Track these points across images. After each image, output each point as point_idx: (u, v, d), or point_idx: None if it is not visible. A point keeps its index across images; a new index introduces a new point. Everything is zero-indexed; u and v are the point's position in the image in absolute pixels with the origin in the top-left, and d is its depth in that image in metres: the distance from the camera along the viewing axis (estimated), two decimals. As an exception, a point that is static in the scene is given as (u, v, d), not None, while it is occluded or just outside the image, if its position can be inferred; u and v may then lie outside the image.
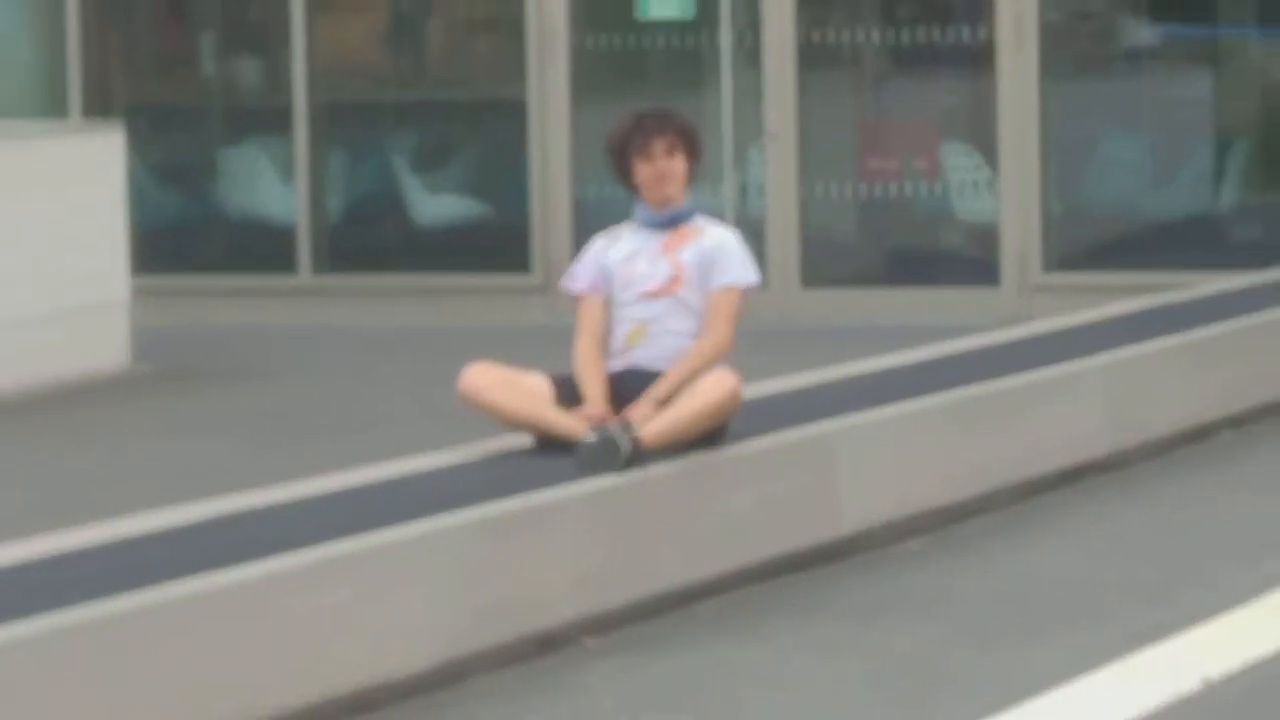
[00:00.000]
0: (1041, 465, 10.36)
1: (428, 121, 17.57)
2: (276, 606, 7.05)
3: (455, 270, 16.09)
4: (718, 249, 8.81)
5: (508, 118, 16.44)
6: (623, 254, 8.85)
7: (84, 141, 15.01)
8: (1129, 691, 7.21)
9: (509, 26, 16.57)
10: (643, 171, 8.78)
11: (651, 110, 9.14)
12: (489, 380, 8.74)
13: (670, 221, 8.83)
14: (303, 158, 16.68)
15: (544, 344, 9.11)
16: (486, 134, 17.03)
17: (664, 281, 8.76)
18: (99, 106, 16.60)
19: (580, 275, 8.96)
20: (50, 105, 16.84)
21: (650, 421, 8.38)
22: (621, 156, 8.87)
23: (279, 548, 7.29)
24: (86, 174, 14.50)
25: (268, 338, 15.40)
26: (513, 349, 9.66)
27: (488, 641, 7.63)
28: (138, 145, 15.33)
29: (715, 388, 8.49)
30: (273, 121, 16.91)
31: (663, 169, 8.76)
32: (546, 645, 7.81)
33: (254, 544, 7.36)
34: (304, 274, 16.63)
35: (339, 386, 13.72)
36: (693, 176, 8.93)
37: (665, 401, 8.47)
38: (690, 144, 8.89)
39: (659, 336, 8.70)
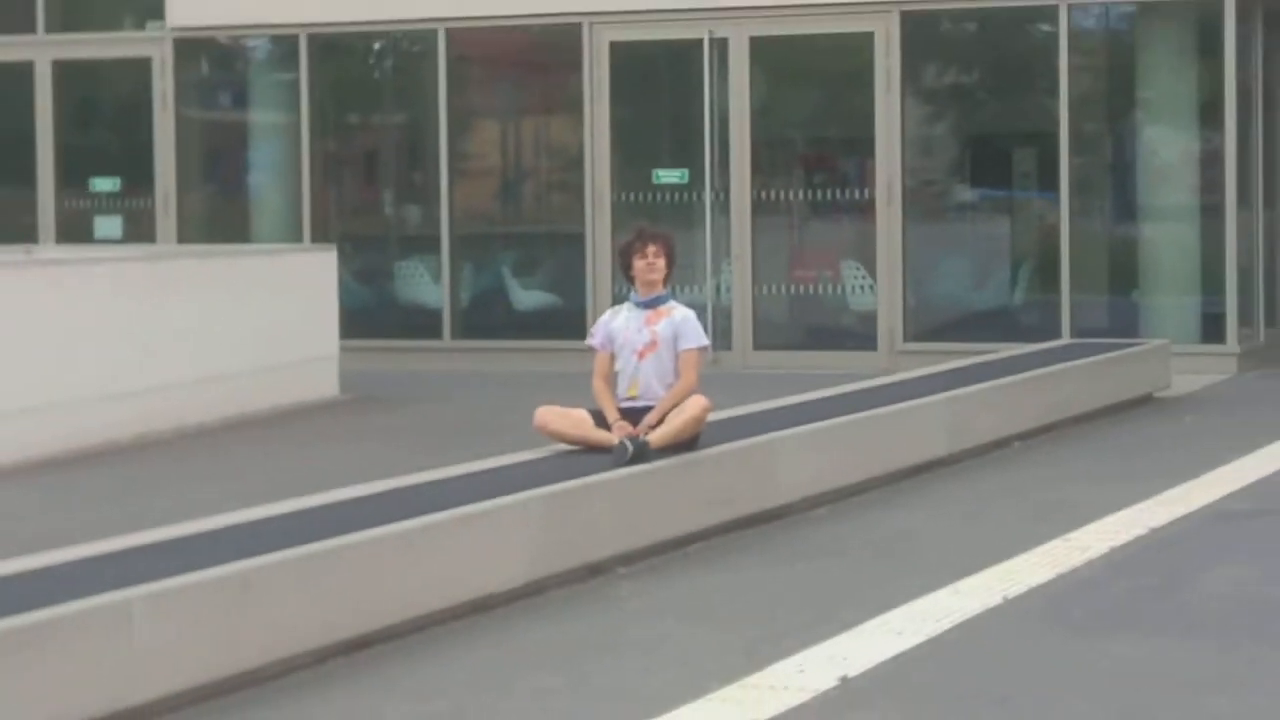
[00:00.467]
0: (905, 460, 10.32)
1: (523, 245, 17.56)
2: (433, 544, 7.09)
3: (539, 337, 16.09)
4: (682, 322, 8.65)
5: (573, 244, 16.40)
6: (621, 324, 8.71)
7: (311, 257, 15.01)
8: (957, 603, 7.17)
9: (573, 188, 16.56)
10: (638, 264, 8.67)
11: (648, 227, 9.12)
12: (551, 417, 8.71)
13: (652, 303, 8.68)
14: (445, 267, 16.65)
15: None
16: (559, 254, 16.97)
17: (646, 345, 8.61)
18: (320, 235, 16.59)
19: (595, 334, 8.84)
20: (291, 234, 16.84)
21: (654, 433, 8.38)
22: (626, 255, 8.78)
23: (435, 508, 7.33)
24: (312, 277, 14.50)
25: (424, 379, 15.37)
26: (573, 387, 9.65)
27: (558, 568, 7.64)
28: (344, 259, 15.34)
29: (694, 405, 8.45)
30: (427, 245, 16.89)
31: (650, 263, 8.65)
32: (594, 571, 7.81)
33: (420, 506, 7.39)
34: (446, 339, 16.59)
35: (468, 409, 13.69)
36: (670, 276, 8.81)
37: (655, 424, 8.43)
38: (669, 252, 8.77)
39: (647, 388, 8.57)
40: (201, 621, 6.04)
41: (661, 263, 8.71)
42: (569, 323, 15.38)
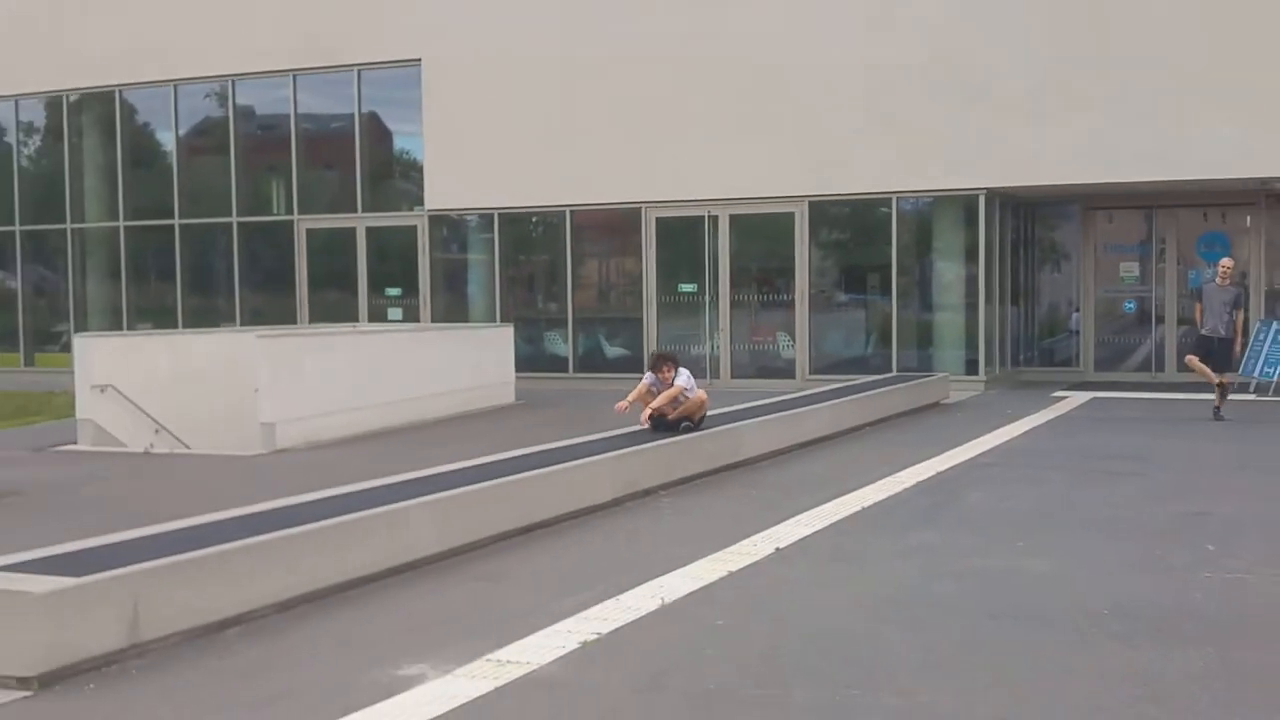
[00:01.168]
0: (810, 436, 10.20)
1: (610, 325, 17.37)
2: (563, 478, 7.06)
3: (618, 372, 16.00)
4: (676, 376, 8.72)
5: (636, 324, 16.40)
6: (656, 387, 8.77)
7: (501, 330, 15.01)
8: (837, 509, 7.14)
9: (636, 294, 16.54)
10: (657, 375, 8.70)
11: (660, 352, 9.10)
12: (639, 390, 8.75)
13: (669, 384, 8.78)
14: (570, 335, 16.68)
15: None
16: (629, 329, 16.85)
17: (669, 401, 8.68)
18: (505, 318, 16.64)
19: (645, 378, 8.81)
20: (489, 318, 16.87)
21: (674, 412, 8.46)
22: (652, 367, 8.79)
23: (562, 460, 7.31)
24: (501, 339, 14.56)
25: (559, 394, 15.32)
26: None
27: (627, 491, 7.60)
28: (518, 331, 15.35)
29: (698, 396, 8.61)
30: (560, 324, 16.86)
31: (664, 375, 8.69)
32: (646, 494, 7.78)
33: (557, 458, 7.37)
34: (571, 373, 16.52)
35: (581, 409, 13.56)
36: (677, 370, 8.74)
37: (663, 404, 8.52)
38: (675, 363, 8.76)
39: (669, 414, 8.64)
40: (443, 519, 6.10)
41: (671, 375, 8.70)
42: (634, 365, 15.39)
